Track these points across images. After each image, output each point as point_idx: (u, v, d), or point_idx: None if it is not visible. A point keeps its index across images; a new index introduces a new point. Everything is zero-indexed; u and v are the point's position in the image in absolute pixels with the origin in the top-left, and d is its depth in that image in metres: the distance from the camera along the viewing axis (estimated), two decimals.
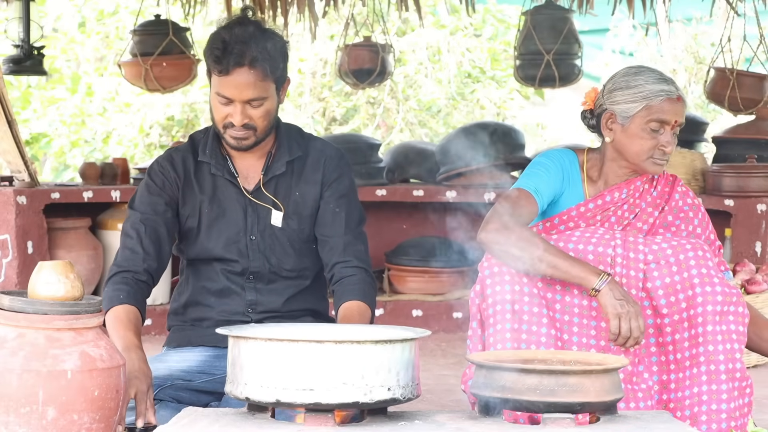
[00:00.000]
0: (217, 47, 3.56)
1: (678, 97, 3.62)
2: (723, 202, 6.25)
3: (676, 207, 3.73)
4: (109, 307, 3.56)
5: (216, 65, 3.57)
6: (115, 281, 3.63)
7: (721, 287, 3.49)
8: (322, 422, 2.85)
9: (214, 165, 3.71)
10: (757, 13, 6.75)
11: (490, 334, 3.50)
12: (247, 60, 3.54)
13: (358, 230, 3.74)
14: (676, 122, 3.62)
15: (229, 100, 3.58)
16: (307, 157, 3.75)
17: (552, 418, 2.86)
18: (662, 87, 3.62)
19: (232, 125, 3.60)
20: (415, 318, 6.53)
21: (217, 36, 3.59)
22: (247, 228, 3.71)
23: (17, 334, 3.05)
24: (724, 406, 3.43)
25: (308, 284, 3.77)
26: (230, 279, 3.71)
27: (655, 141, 3.62)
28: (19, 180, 6.29)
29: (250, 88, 3.56)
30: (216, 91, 3.59)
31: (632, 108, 3.63)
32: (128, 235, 3.69)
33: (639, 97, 3.62)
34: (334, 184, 3.73)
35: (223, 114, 3.60)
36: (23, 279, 6.03)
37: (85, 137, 11.31)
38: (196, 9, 7.33)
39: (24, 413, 2.99)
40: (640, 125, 3.62)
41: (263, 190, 3.71)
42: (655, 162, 3.64)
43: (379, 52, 7.17)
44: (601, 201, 3.69)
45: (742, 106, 6.64)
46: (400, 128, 11.12)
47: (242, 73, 3.55)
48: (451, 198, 6.69)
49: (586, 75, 7.53)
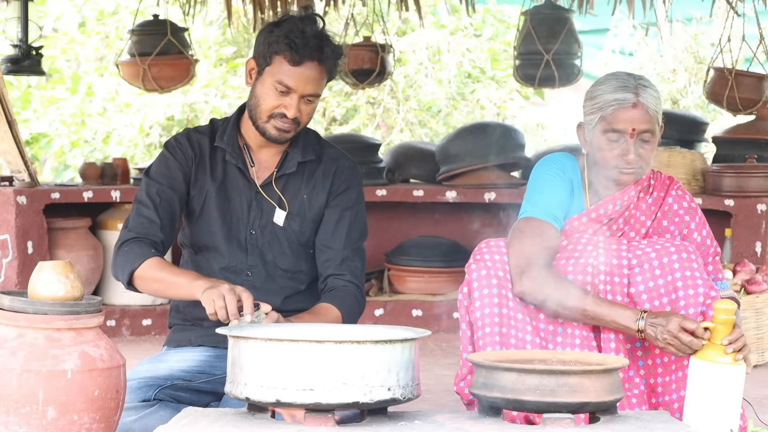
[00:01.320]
0: (296, 36, 3.55)
1: (633, 104, 3.53)
2: (723, 202, 6.25)
3: (671, 211, 3.68)
4: (141, 261, 3.53)
5: (290, 53, 3.55)
6: (136, 242, 3.58)
7: (704, 289, 3.47)
8: (322, 422, 2.85)
9: (230, 153, 3.70)
10: (757, 13, 6.75)
11: (479, 337, 3.49)
12: (321, 56, 3.57)
13: (358, 245, 3.74)
14: (633, 130, 3.54)
15: (288, 90, 3.57)
16: (320, 163, 3.75)
17: (552, 418, 2.86)
18: (617, 96, 3.54)
19: (281, 116, 3.59)
20: (415, 318, 6.53)
21: (295, 25, 3.57)
22: (249, 221, 3.71)
23: (17, 334, 3.05)
24: None
25: (303, 288, 3.76)
26: (228, 278, 3.71)
27: (617, 151, 3.55)
28: (19, 180, 6.29)
29: (313, 83, 3.58)
30: (278, 79, 3.57)
31: (593, 120, 3.58)
32: (143, 203, 3.66)
33: (596, 108, 3.57)
34: (341, 195, 3.74)
35: (275, 103, 3.59)
36: (23, 279, 6.03)
37: (85, 137, 11.31)
38: (195, 9, 7.34)
39: (24, 413, 2.99)
40: (599, 136, 3.57)
41: (273, 186, 3.71)
42: (622, 172, 3.58)
43: (379, 52, 7.17)
44: (595, 214, 3.64)
45: (741, 106, 6.64)
46: (400, 128, 11.12)
47: (312, 67, 3.58)
48: (451, 198, 6.69)
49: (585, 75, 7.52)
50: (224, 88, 11.27)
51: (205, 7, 7.75)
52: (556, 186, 3.65)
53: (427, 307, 6.56)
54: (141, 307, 6.43)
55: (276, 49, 3.58)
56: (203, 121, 10.97)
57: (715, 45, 7.08)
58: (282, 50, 3.57)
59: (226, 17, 7.84)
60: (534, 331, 3.50)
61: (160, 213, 3.64)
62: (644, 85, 3.58)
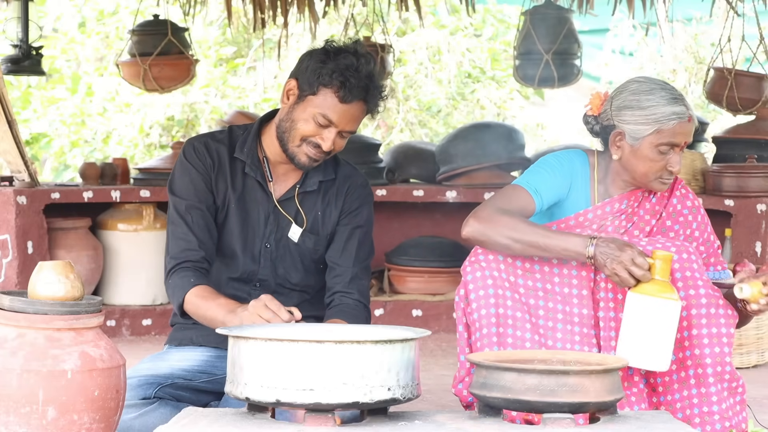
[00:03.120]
0: (351, 75, 3.52)
1: (689, 117, 3.58)
2: (723, 202, 6.25)
3: (675, 211, 3.70)
4: (183, 295, 3.55)
5: (342, 90, 3.52)
6: (177, 273, 3.59)
7: (705, 290, 3.48)
8: (322, 422, 2.85)
9: (249, 165, 3.69)
10: (757, 13, 6.75)
11: (477, 338, 3.50)
12: (368, 96, 3.56)
13: (365, 264, 3.76)
14: (685, 143, 3.60)
15: (329, 124, 3.56)
16: (335, 181, 3.76)
17: (552, 418, 2.86)
18: (674, 109, 3.56)
19: (315, 145, 3.57)
20: (415, 318, 6.53)
21: (349, 61, 3.53)
22: (265, 235, 3.71)
23: (17, 334, 3.05)
24: (715, 408, 3.43)
25: (309, 298, 3.78)
26: (236, 287, 3.71)
27: (664, 162, 3.58)
28: (19, 180, 6.28)
29: (354, 122, 3.58)
30: (322, 112, 3.54)
31: (643, 130, 3.57)
32: (175, 223, 3.65)
33: (650, 120, 3.56)
34: (353, 213, 3.75)
35: (312, 132, 3.57)
36: (23, 279, 6.03)
37: (85, 137, 11.31)
38: (195, 9, 7.34)
39: (24, 413, 3.00)
40: (650, 148, 3.57)
41: (295, 201, 3.71)
42: (662, 181, 3.62)
43: (379, 52, 7.17)
44: (600, 211, 3.65)
45: (741, 106, 6.63)
46: (400, 128, 11.12)
47: (357, 107, 3.56)
48: (451, 198, 6.69)
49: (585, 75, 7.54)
50: (224, 88, 11.27)
51: (205, 7, 7.75)
52: (555, 172, 3.66)
53: (427, 307, 6.56)
54: (141, 307, 6.43)
55: (326, 82, 3.53)
56: (203, 121, 10.97)
57: (715, 45, 7.08)
58: (333, 85, 3.53)
59: (226, 17, 7.84)
60: (533, 329, 3.50)
61: (194, 230, 3.64)
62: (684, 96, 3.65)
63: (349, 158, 3.91)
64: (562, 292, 3.52)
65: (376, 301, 6.58)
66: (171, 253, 3.64)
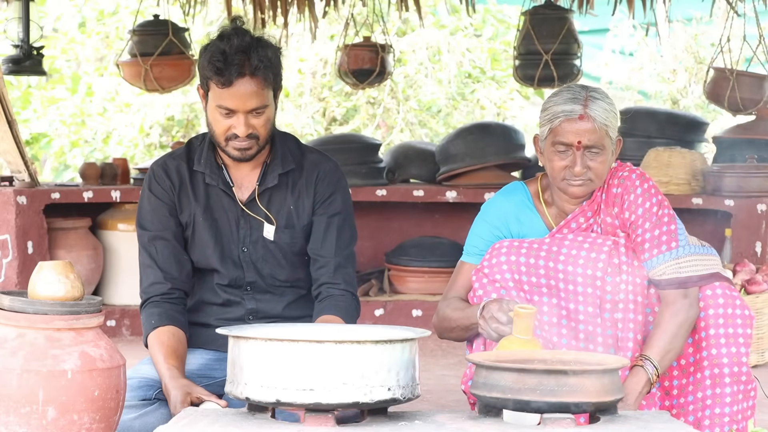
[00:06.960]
0: (217, 59, 3.50)
1: (580, 116, 3.48)
2: (723, 202, 6.25)
3: (609, 195, 3.59)
4: (146, 338, 3.60)
5: (218, 77, 3.51)
6: (145, 309, 3.65)
7: (722, 290, 3.48)
8: (322, 422, 2.85)
9: (209, 174, 3.68)
10: (757, 13, 6.75)
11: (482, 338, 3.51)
12: (249, 69, 3.50)
13: (349, 251, 3.72)
14: (579, 142, 3.49)
15: (231, 112, 3.53)
16: (302, 170, 3.71)
17: (552, 418, 2.86)
18: (564, 107, 3.50)
19: (235, 137, 3.55)
20: (415, 318, 6.53)
21: (215, 48, 3.53)
22: (240, 239, 3.70)
23: (17, 334, 3.05)
24: (727, 409, 3.43)
25: (305, 293, 3.76)
26: (228, 292, 3.71)
27: (564, 162, 3.52)
28: (19, 180, 6.29)
29: (252, 98, 3.52)
30: (217, 104, 3.54)
31: (544, 131, 3.56)
32: (142, 256, 3.70)
33: (546, 119, 3.55)
34: (326, 201, 3.70)
35: (225, 126, 3.56)
36: (23, 279, 6.04)
37: (85, 137, 11.31)
38: (196, 9, 7.34)
39: (24, 413, 3.00)
40: (549, 148, 3.54)
41: (257, 202, 3.69)
42: (570, 184, 3.54)
43: (378, 52, 7.18)
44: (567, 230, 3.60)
45: (742, 106, 6.63)
46: (400, 128, 11.12)
47: (244, 83, 3.51)
48: (451, 198, 6.69)
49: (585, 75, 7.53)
50: None
51: (205, 7, 7.75)
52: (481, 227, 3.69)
53: (427, 307, 6.56)
54: None
55: (207, 75, 3.55)
56: (203, 121, 10.97)
57: (715, 45, 7.09)
58: (210, 76, 3.53)
59: (226, 17, 7.84)
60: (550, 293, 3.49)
61: (159, 263, 3.66)
62: (595, 97, 3.52)
63: (349, 158, 3.90)
64: (566, 289, 3.51)
65: (376, 301, 6.58)
66: (141, 286, 3.70)
